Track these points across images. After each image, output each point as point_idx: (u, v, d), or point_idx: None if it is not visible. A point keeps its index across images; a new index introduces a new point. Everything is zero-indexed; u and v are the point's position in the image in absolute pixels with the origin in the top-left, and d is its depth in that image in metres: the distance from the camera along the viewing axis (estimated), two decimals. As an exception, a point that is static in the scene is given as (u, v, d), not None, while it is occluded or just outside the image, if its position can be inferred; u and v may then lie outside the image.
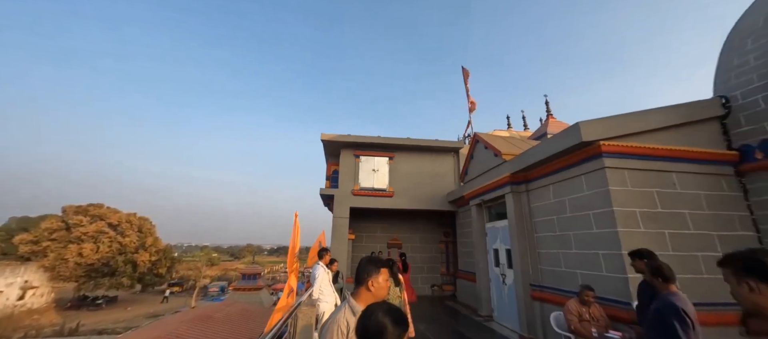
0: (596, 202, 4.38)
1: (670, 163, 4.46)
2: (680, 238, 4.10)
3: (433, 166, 10.56)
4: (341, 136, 10.05)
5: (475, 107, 11.83)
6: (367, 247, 10.86)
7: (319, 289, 4.55)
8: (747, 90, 4.67)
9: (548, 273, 5.30)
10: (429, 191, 10.12)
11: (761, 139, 4.38)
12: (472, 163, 8.28)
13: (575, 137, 4.46)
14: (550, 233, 5.32)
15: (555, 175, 5.24)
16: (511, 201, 6.05)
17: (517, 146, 7.11)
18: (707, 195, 4.39)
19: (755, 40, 4.82)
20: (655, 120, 4.57)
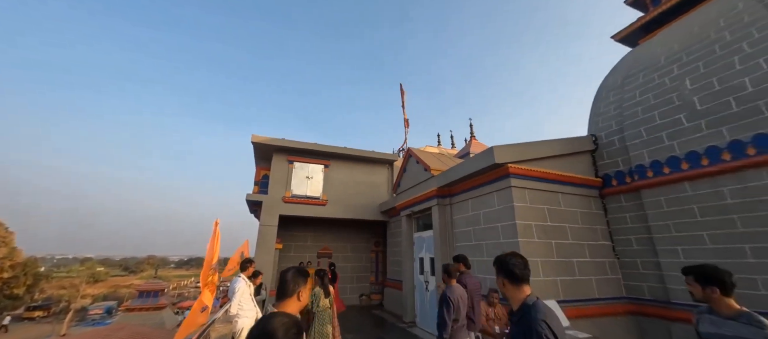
0: (504, 216, 5.08)
1: (558, 185, 5.47)
2: (562, 247, 5.03)
3: (368, 176, 10.77)
4: (274, 139, 9.54)
5: (409, 124, 12.56)
6: (295, 257, 10.38)
7: (238, 303, 4.17)
8: (608, 132, 6.06)
9: (464, 279, 5.87)
10: (363, 201, 10.27)
11: (616, 171, 5.72)
12: (404, 175, 8.74)
13: (490, 159, 5.12)
14: (467, 242, 5.93)
15: (474, 190, 5.90)
16: (437, 213, 6.57)
17: (445, 163, 7.80)
18: (581, 212, 5.50)
19: (614, 95, 6.31)
20: (549, 149, 5.57)
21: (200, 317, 4.15)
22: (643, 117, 5.44)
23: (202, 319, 4.20)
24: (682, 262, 4.58)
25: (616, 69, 6.83)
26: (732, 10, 5.05)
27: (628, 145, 5.54)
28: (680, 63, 5.28)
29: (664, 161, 4.98)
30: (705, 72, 4.84)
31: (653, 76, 5.62)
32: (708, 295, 1.94)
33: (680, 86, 5.09)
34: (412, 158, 8.13)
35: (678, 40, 5.61)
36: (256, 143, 9.46)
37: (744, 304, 3.86)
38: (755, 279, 3.87)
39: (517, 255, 1.75)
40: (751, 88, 4.27)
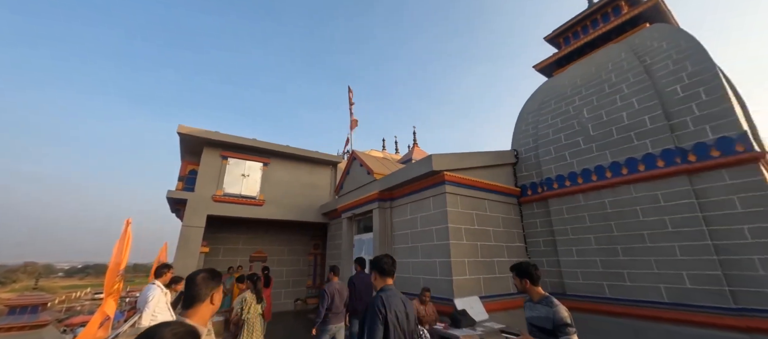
0: (438, 220, 5.46)
1: (485, 192, 6.09)
2: (486, 248, 5.61)
3: (310, 177, 10.48)
4: (207, 131, 8.67)
5: (356, 125, 12.62)
6: (224, 261, 9.53)
7: (151, 314, 3.68)
8: (526, 148, 6.98)
9: (400, 279, 6.12)
10: (303, 202, 9.95)
11: (531, 182, 6.61)
12: (347, 178, 8.75)
13: (428, 166, 5.47)
14: (405, 245, 6.20)
15: (413, 195, 6.21)
16: (378, 216, 6.73)
17: (387, 167, 8.04)
18: (503, 217, 6.21)
19: (532, 117, 7.31)
20: (479, 160, 6.18)
21: (100, 331, 3.54)
22: (553, 137, 6.42)
23: (102, 334, 3.59)
24: (576, 260, 5.52)
25: (535, 95, 7.91)
26: (617, 58, 6.30)
27: (541, 160, 6.47)
28: (581, 95, 6.38)
29: (566, 176, 5.94)
30: (597, 105, 5.94)
31: (561, 104, 6.67)
32: (524, 285, 2.40)
33: (579, 115, 6.15)
34: (356, 161, 8.20)
35: (580, 76, 6.78)
36: (183, 135, 8.47)
37: (615, 293, 4.75)
38: (623, 273, 4.87)
39: (388, 255, 2.22)
40: (627, 121, 5.39)
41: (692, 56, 5.02)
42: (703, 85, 4.69)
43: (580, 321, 5.20)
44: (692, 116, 4.67)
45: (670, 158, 4.68)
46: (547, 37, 9.02)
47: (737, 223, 4.02)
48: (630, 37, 6.60)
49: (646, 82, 5.35)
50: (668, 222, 4.54)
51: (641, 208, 4.84)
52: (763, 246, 3.80)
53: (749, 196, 3.99)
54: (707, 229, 4.19)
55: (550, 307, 2.19)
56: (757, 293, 3.75)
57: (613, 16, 7.42)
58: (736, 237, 3.99)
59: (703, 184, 4.38)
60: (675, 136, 4.76)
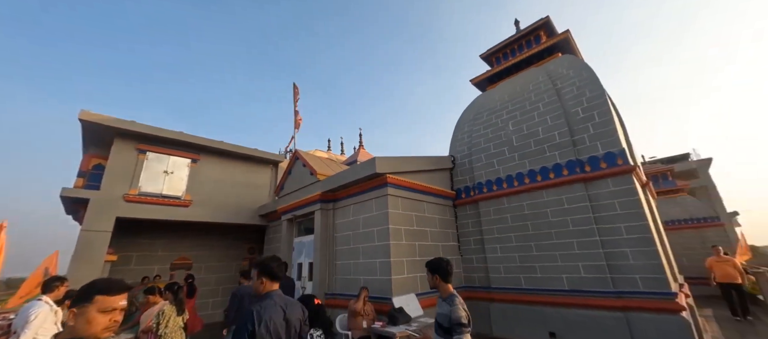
0: (379, 221, 5.59)
1: (424, 195, 6.44)
2: (424, 248, 5.92)
3: (248, 176, 9.77)
4: (118, 120, 7.47)
5: (300, 124, 12.19)
6: (138, 270, 8.28)
7: (32, 336, 3.01)
8: (462, 155, 7.58)
9: (341, 281, 6.09)
10: (239, 203, 9.22)
11: (465, 186, 7.19)
12: (289, 178, 8.39)
13: (372, 169, 5.57)
14: (346, 246, 6.19)
15: (356, 197, 6.24)
16: (320, 217, 6.59)
17: (331, 168, 7.93)
18: (439, 218, 6.63)
19: (468, 126, 7.97)
20: (420, 164, 6.50)
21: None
22: (484, 146, 7.10)
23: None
24: (500, 256, 6.17)
25: (471, 106, 8.65)
26: (536, 80, 7.25)
27: (474, 166, 7.10)
28: (507, 110, 7.18)
29: (493, 181, 6.61)
30: (519, 119, 6.75)
31: (492, 116, 7.42)
32: (435, 281, 2.39)
33: (506, 127, 6.92)
34: (299, 161, 7.92)
35: (508, 93, 7.63)
36: (87, 122, 7.15)
37: (529, 284, 5.40)
38: (535, 266, 5.61)
39: (276, 257, 2.06)
40: (542, 135, 6.24)
41: (590, 85, 6.06)
42: (597, 109, 5.69)
43: (502, 310, 5.83)
44: (588, 134, 5.63)
45: (572, 168, 5.56)
46: (483, 55, 9.94)
47: (617, 222, 4.96)
48: (547, 63, 7.67)
49: (556, 103, 6.27)
50: (570, 222, 5.38)
51: (550, 210, 5.65)
52: (634, 240, 4.76)
53: (625, 200, 4.96)
54: (597, 227, 5.09)
55: (451, 306, 2.20)
56: (629, 279, 4.67)
57: (535, 43, 8.54)
58: (615, 233, 4.92)
59: (594, 190, 5.30)
60: (576, 149, 5.68)
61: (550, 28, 8.64)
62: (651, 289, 4.44)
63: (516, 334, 5.50)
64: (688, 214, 11.65)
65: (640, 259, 4.62)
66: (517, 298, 5.67)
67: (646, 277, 4.52)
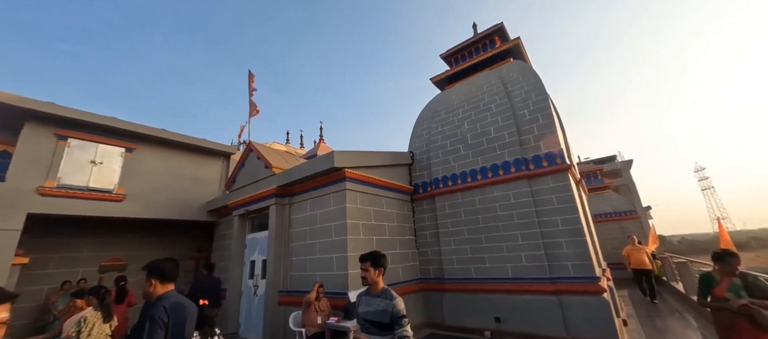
0: (337, 216, 5.52)
1: (383, 190, 6.50)
2: (381, 242, 5.98)
3: (195, 169, 9.01)
4: (29, 100, 6.39)
5: (256, 113, 11.52)
6: (58, 273, 7.23)
7: None
8: (420, 151, 7.78)
9: (296, 278, 5.92)
10: (184, 198, 8.47)
11: (422, 181, 7.40)
12: (241, 171, 7.91)
13: (330, 162, 5.46)
14: (303, 242, 6.02)
15: (313, 191, 6.09)
16: (275, 213, 6.32)
17: (288, 161, 7.64)
18: (397, 213, 6.75)
19: (427, 123, 8.19)
20: (379, 159, 6.54)
21: None
22: (441, 143, 7.36)
23: None
24: (453, 249, 6.47)
25: (430, 104, 8.89)
26: (490, 82, 7.68)
27: (431, 162, 7.32)
28: (463, 110, 7.51)
29: (449, 177, 6.89)
30: (474, 119, 7.11)
31: (449, 115, 7.70)
32: (375, 276, 2.27)
33: (461, 126, 7.24)
34: (253, 153, 7.49)
35: (464, 94, 7.97)
36: (-15, 100, 6.00)
37: (479, 274, 5.73)
38: (485, 257, 5.98)
39: (171, 259, 2.10)
40: (493, 134, 6.64)
41: (536, 90, 6.57)
42: (541, 112, 6.20)
43: (454, 299, 6.13)
44: (533, 135, 6.12)
45: (519, 166, 6.01)
46: (443, 55, 10.25)
47: (554, 215, 5.48)
48: (500, 67, 8.15)
49: (507, 105, 6.71)
50: (515, 215, 5.82)
51: (499, 205, 6.06)
52: (568, 231, 5.30)
53: (561, 195, 5.49)
54: (537, 220, 5.57)
55: (390, 300, 2.11)
56: (562, 266, 5.20)
57: (490, 47, 9.02)
58: (553, 225, 5.44)
59: (536, 186, 5.79)
60: (523, 148, 6.14)
61: (504, 34, 9.18)
62: (580, 274, 5.00)
63: (466, 321, 5.84)
64: (612, 209, 13.32)
65: (572, 248, 5.17)
66: (467, 287, 6.01)
67: (576, 264, 5.07)
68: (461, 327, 5.84)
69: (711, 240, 52.53)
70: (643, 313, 6.77)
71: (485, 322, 5.60)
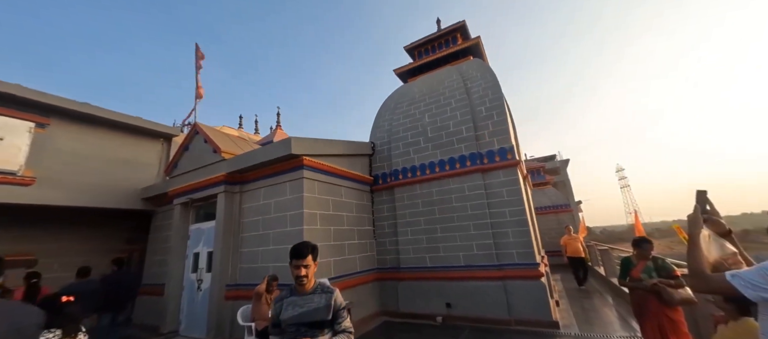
0: (293, 205, 5.29)
1: (342, 179, 6.37)
2: (339, 232, 5.88)
3: (128, 151, 7.95)
4: None
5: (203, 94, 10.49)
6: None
7: None
8: (382, 142, 7.77)
9: (246, 270, 5.58)
10: (113, 183, 7.45)
11: (382, 172, 7.41)
12: (185, 155, 7.16)
13: (287, 149, 5.18)
14: (254, 232, 5.68)
15: (267, 179, 5.74)
16: (223, 201, 5.86)
17: (240, 147, 7.09)
18: (356, 203, 6.69)
19: (389, 114, 8.18)
20: (339, 148, 6.38)
21: None
22: (402, 135, 7.41)
23: None
24: (410, 239, 6.61)
25: (393, 95, 8.88)
26: (451, 77, 7.88)
27: (392, 154, 7.35)
28: (425, 103, 7.63)
29: (409, 168, 6.99)
30: (434, 113, 7.26)
31: (411, 107, 7.78)
32: (312, 271, 1.94)
33: (422, 119, 7.36)
34: (199, 136, 6.81)
35: (426, 87, 8.09)
36: None
37: (433, 263, 5.92)
38: (439, 246, 6.22)
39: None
40: (452, 129, 6.85)
41: (492, 88, 6.90)
42: (496, 110, 6.54)
43: (408, 287, 6.30)
44: (488, 131, 6.44)
45: (474, 160, 6.30)
46: (407, 47, 10.27)
47: (503, 207, 5.87)
48: (461, 63, 8.40)
49: (466, 101, 6.96)
50: (469, 207, 6.11)
51: (454, 196, 6.31)
52: (514, 222, 5.71)
53: (510, 189, 5.89)
54: (489, 212, 5.92)
55: (331, 293, 1.91)
56: (508, 253, 5.61)
57: (452, 44, 9.25)
58: (502, 217, 5.82)
59: (489, 180, 6.13)
60: (478, 143, 6.43)
61: (465, 32, 9.47)
62: (523, 261, 5.44)
63: (419, 307, 6.04)
64: (551, 202, 14.77)
65: (517, 238, 5.59)
66: (422, 275, 6.21)
67: (520, 252, 5.51)
68: (414, 313, 6.04)
69: (626, 230, 61.41)
70: (572, 295, 7.64)
71: (437, 308, 5.85)
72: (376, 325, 5.91)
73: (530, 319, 5.12)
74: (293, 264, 1.89)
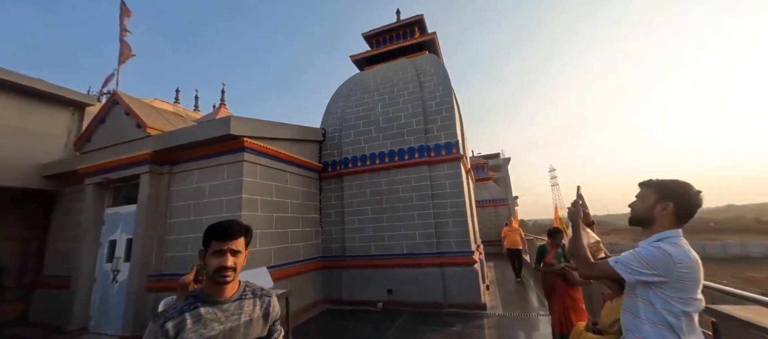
0: (231, 190, 4.93)
1: (288, 165, 6.10)
2: (282, 220, 5.66)
3: (25, 119, 6.63)
4: None
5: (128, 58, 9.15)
6: None
7: None
8: (333, 129, 7.60)
9: (174, 260, 5.09)
10: (6, 157, 6.17)
11: (332, 160, 7.27)
12: (101, 128, 6.18)
13: (225, 129, 4.77)
14: (185, 218, 5.18)
15: (203, 160, 5.25)
16: (148, 182, 5.22)
17: (173, 123, 6.36)
18: (302, 190, 6.49)
19: (343, 101, 8.01)
20: (286, 132, 6.08)
21: None
22: (354, 123, 7.34)
23: None
24: (356, 227, 6.64)
25: (348, 82, 8.71)
26: (406, 70, 7.96)
27: (343, 141, 7.25)
28: (379, 93, 7.62)
29: (359, 157, 6.97)
30: (387, 103, 7.30)
31: (365, 96, 7.71)
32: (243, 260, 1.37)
33: (375, 108, 7.35)
34: (120, 107, 5.92)
35: (381, 77, 8.08)
36: None
37: (378, 251, 6.00)
38: (384, 235, 6.36)
39: None
40: (403, 120, 6.97)
41: (443, 84, 7.15)
42: (445, 105, 6.80)
43: (352, 275, 6.36)
44: (437, 125, 6.68)
45: (422, 152, 6.50)
46: (365, 34, 10.10)
47: (446, 198, 6.18)
48: (416, 57, 8.53)
49: (418, 94, 7.11)
50: (414, 197, 6.33)
51: (402, 187, 6.47)
52: (454, 213, 6.06)
53: (453, 181, 6.23)
54: (432, 202, 6.19)
55: (268, 298, 1.35)
56: (447, 242, 5.95)
57: (410, 36, 9.33)
58: (444, 208, 6.14)
59: (435, 172, 6.40)
60: (427, 136, 6.65)
61: (423, 27, 9.62)
62: (460, 249, 5.83)
63: (362, 294, 6.14)
64: (491, 196, 16.04)
65: (456, 228, 5.96)
66: (366, 263, 6.30)
67: (457, 241, 5.89)
68: (357, 300, 6.13)
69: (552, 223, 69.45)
70: (501, 279, 8.44)
71: (379, 295, 6.01)
72: (317, 313, 5.87)
73: (463, 302, 5.53)
74: (213, 249, 1.20)
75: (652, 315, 1.26)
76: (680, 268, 1.20)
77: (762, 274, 24.85)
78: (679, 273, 1.20)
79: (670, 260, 1.20)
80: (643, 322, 1.28)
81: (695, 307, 1.22)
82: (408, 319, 5.20)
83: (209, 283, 1.24)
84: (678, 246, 1.25)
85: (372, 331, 4.72)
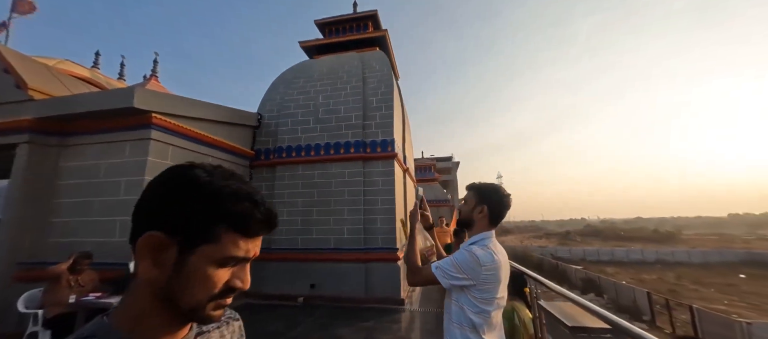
0: (132, 170, 4.41)
1: (211, 149, 5.66)
2: (197, 207, 5.23)
3: None
4: None
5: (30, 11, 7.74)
6: None
7: None
8: (270, 115, 7.23)
9: (57, 245, 4.42)
10: None
11: (266, 148, 6.93)
12: (-29, 84, 5.11)
13: (127, 101, 4.24)
14: (73, 199, 4.52)
15: (100, 134, 4.62)
16: (27, 155, 4.44)
17: (69, 88, 5.49)
18: (227, 177, 6.07)
19: (284, 87, 7.65)
20: (208, 112, 5.62)
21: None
22: (293, 112, 7.06)
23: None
24: (285, 220, 6.41)
25: (293, 68, 8.34)
26: (352, 64, 7.86)
27: (279, 130, 6.94)
28: (322, 83, 7.43)
29: (294, 147, 6.73)
30: (328, 94, 7.15)
31: (307, 84, 7.46)
32: None
33: (316, 98, 7.15)
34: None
35: (327, 67, 7.87)
36: None
37: (304, 245, 5.84)
38: (312, 228, 6.24)
39: None
40: (343, 114, 6.87)
41: (386, 82, 7.19)
42: (385, 103, 6.85)
43: (276, 268, 6.14)
44: (375, 122, 6.71)
45: (358, 148, 6.48)
46: (317, 21, 9.78)
47: (378, 195, 6.25)
48: (365, 52, 8.47)
49: (360, 89, 7.06)
50: (346, 192, 6.29)
51: (334, 181, 6.40)
52: (384, 210, 6.15)
53: (385, 179, 6.31)
54: (363, 198, 6.22)
55: (238, 322, 0.90)
56: (374, 238, 6.03)
57: (363, 30, 9.25)
58: (374, 204, 6.20)
59: (369, 169, 6.43)
60: (364, 132, 6.64)
61: (377, 22, 9.60)
62: (385, 246, 5.94)
63: (284, 288, 5.96)
64: (434, 197, 16.74)
65: (384, 225, 6.06)
66: (291, 256, 6.13)
67: (384, 237, 5.99)
68: (278, 294, 5.93)
69: (496, 225, 75.26)
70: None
71: (301, 289, 5.89)
72: (234, 307, 5.53)
73: (383, 297, 5.66)
74: (223, 252, 0.47)
75: (460, 317, 1.31)
76: (484, 271, 1.28)
77: (652, 275, 29.57)
78: (484, 276, 1.28)
79: (477, 263, 1.28)
80: (453, 324, 1.33)
81: (496, 306, 1.32)
82: (325, 314, 5.17)
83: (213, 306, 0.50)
84: (486, 248, 1.34)
85: (282, 327, 4.60)
